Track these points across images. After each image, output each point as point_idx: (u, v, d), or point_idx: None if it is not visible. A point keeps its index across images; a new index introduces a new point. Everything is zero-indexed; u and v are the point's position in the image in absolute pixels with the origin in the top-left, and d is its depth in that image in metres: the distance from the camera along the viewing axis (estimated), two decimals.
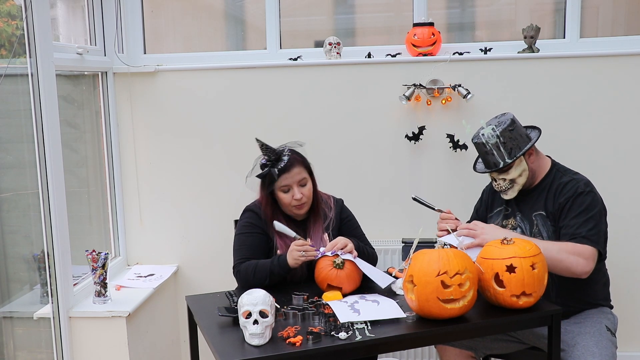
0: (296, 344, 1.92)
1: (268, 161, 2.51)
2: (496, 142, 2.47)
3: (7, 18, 2.73)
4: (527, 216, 2.55)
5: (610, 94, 3.22)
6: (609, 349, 2.36)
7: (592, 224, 2.39)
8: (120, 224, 3.43)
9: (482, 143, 2.51)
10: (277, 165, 2.49)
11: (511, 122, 2.50)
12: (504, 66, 3.25)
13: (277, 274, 2.43)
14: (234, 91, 3.34)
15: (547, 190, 2.53)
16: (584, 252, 2.34)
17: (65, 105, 3.11)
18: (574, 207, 2.42)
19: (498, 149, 2.48)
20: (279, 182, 2.49)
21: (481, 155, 2.58)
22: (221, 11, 3.74)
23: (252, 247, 2.54)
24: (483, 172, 2.61)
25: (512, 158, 2.47)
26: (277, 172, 2.47)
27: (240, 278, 2.50)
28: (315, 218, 2.60)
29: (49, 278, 2.71)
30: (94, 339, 2.79)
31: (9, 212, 2.78)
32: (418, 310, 2.07)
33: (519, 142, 2.48)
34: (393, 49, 3.34)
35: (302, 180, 2.52)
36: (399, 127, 3.30)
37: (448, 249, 2.11)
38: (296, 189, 2.50)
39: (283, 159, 2.50)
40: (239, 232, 2.60)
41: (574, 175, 2.53)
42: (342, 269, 2.33)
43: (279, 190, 2.51)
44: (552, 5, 3.57)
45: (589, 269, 2.35)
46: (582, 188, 2.45)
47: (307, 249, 2.39)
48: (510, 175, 2.51)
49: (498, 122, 2.52)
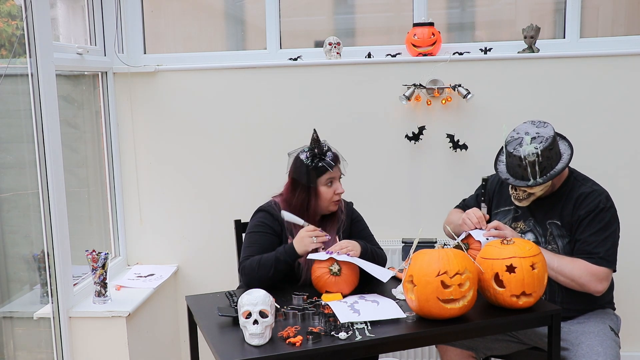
0: (296, 344, 1.92)
1: (318, 154, 2.53)
2: (534, 160, 2.36)
3: (7, 18, 2.73)
4: (541, 222, 2.51)
5: (610, 94, 3.22)
6: (613, 349, 2.36)
7: (610, 244, 2.39)
8: (120, 224, 3.43)
9: (520, 157, 2.38)
10: (326, 157, 2.53)
11: (553, 140, 2.38)
12: (504, 66, 3.25)
13: (284, 262, 2.40)
14: (234, 91, 3.34)
15: (564, 199, 2.48)
16: (599, 273, 2.36)
17: (65, 105, 3.11)
18: (593, 224, 2.39)
19: (532, 166, 2.37)
20: (325, 175, 2.51)
21: (511, 164, 2.44)
22: (221, 11, 3.74)
23: (262, 247, 2.50)
24: (506, 179, 2.48)
25: (543, 178, 2.37)
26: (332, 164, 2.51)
27: (244, 274, 2.46)
28: (332, 219, 2.61)
29: (49, 278, 2.71)
30: (94, 339, 2.79)
31: (9, 212, 2.78)
32: (418, 311, 2.07)
33: (552, 161, 2.39)
34: (393, 49, 3.34)
35: (340, 175, 2.58)
36: (399, 127, 3.30)
37: (448, 249, 2.11)
38: (338, 183, 2.55)
39: (330, 152, 2.54)
40: (250, 230, 2.58)
41: (593, 185, 2.48)
42: (340, 275, 2.32)
43: (323, 185, 2.52)
44: (552, 5, 3.57)
45: (603, 289, 2.38)
46: (603, 203, 2.41)
47: (317, 234, 2.40)
48: (533, 191, 2.44)
49: (539, 136, 2.39)
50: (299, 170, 2.53)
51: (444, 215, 2.88)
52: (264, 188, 3.16)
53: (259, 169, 3.36)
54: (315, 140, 2.53)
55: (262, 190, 3.10)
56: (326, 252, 2.37)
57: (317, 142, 2.53)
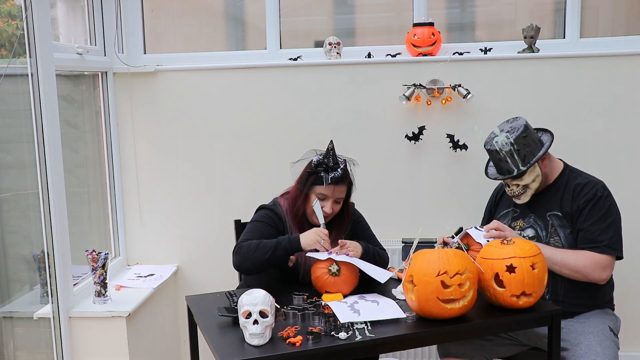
0: (296, 344, 1.92)
1: (324, 164, 2.50)
2: (510, 149, 2.45)
3: (7, 18, 2.73)
4: (542, 216, 2.54)
5: (610, 94, 3.22)
6: (612, 349, 2.36)
7: (613, 231, 2.42)
8: (120, 224, 3.43)
9: (496, 150, 2.48)
10: (330, 173, 2.48)
11: (524, 129, 2.46)
12: (504, 66, 3.25)
13: (283, 248, 2.38)
14: (234, 91, 3.34)
15: (562, 190, 2.52)
16: (602, 261, 2.38)
17: (65, 105, 3.11)
18: (594, 212, 2.42)
19: (512, 156, 2.45)
20: (321, 188, 2.48)
21: (494, 161, 2.55)
22: (221, 11, 3.74)
23: (262, 234, 2.49)
24: (495, 178, 2.58)
25: (526, 165, 2.45)
26: (329, 181, 2.47)
27: (239, 253, 2.43)
28: (339, 229, 2.60)
29: (49, 278, 2.71)
30: (94, 339, 2.79)
31: (9, 212, 2.78)
32: (418, 310, 2.07)
33: (532, 149, 2.46)
34: (393, 49, 3.34)
35: (339, 199, 2.53)
36: (399, 127, 3.30)
37: (448, 249, 2.11)
38: (330, 203, 2.50)
39: (338, 171, 2.49)
40: (255, 219, 2.58)
41: (589, 177, 2.53)
42: (339, 275, 2.33)
43: (316, 194, 2.51)
44: (552, 5, 3.57)
45: (607, 276, 2.41)
46: (601, 191, 2.45)
47: (326, 239, 2.39)
48: (524, 181, 2.49)
49: (511, 128, 2.48)
50: (305, 168, 2.56)
51: (444, 215, 2.88)
52: (263, 188, 3.18)
53: (259, 169, 3.36)
54: (328, 151, 2.51)
55: (262, 190, 3.11)
56: (326, 252, 2.38)
57: (328, 153, 2.51)
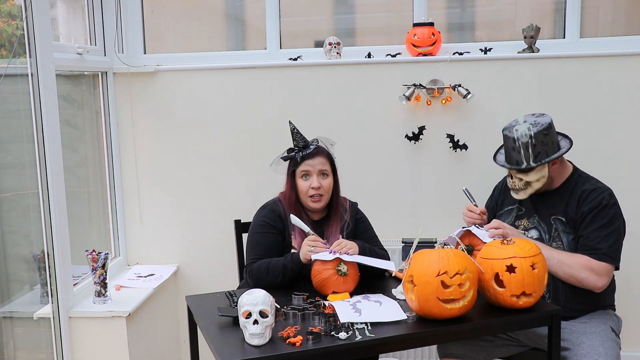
0: (296, 344, 1.92)
1: (296, 147, 2.55)
2: (527, 141, 2.41)
3: (7, 18, 2.73)
4: (546, 219, 2.52)
5: (610, 94, 3.22)
6: (614, 349, 2.36)
7: (613, 240, 2.39)
8: (120, 224, 3.43)
9: (513, 138, 2.44)
10: (303, 151, 2.53)
11: (548, 126, 2.43)
12: (504, 66, 3.25)
13: (291, 270, 2.42)
14: (234, 91, 3.34)
15: (568, 195, 2.49)
16: (599, 269, 2.36)
17: (65, 105, 3.11)
18: (596, 220, 2.40)
19: (526, 149, 2.42)
20: (300, 167, 2.51)
21: (507, 149, 2.51)
22: (221, 11, 3.74)
23: (266, 247, 2.52)
24: (502, 165, 2.55)
25: (537, 163, 2.41)
26: (301, 157, 2.51)
27: (252, 277, 2.47)
28: (333, 219, 2.60)
29: (49, 278, 2.71)
30: (94, 339, 2.79)
31: (9, 212, 2.78)
32: (418, 311, 2.07)
33: (548, 149, 2.43)
34: (393, 49, 3.34)
35: (323, 170, 2.54)
36: (399, 127, 3.30)
37: (448, 249, 2.10)
38: (315, 177, 2.52)
39: (310, 147, 2.54)
40: (254, 230, 2.58)
41: (597, 183, 2.50)
42: (348, 275, 2.33)
43: (299, 177, 2.53)
44: (552, 5, 3.57)
45: (603, 285, 2.39)
46: (607, 200, 2.42)
47: (316, 244, 2.39)
48: (528, 178, 2.46)
49: (535, 122, 2.45)
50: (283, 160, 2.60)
51: (444, 215, 2.88)
52: (263, 188, 3.18)
53: (259, 169, 3.36)
54: (294, 132, 2.55)
55: (261, 190, 3.11)
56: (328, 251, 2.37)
57: (296, 134, 2.55)
